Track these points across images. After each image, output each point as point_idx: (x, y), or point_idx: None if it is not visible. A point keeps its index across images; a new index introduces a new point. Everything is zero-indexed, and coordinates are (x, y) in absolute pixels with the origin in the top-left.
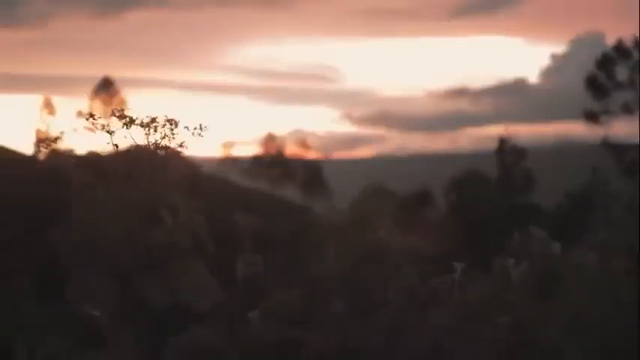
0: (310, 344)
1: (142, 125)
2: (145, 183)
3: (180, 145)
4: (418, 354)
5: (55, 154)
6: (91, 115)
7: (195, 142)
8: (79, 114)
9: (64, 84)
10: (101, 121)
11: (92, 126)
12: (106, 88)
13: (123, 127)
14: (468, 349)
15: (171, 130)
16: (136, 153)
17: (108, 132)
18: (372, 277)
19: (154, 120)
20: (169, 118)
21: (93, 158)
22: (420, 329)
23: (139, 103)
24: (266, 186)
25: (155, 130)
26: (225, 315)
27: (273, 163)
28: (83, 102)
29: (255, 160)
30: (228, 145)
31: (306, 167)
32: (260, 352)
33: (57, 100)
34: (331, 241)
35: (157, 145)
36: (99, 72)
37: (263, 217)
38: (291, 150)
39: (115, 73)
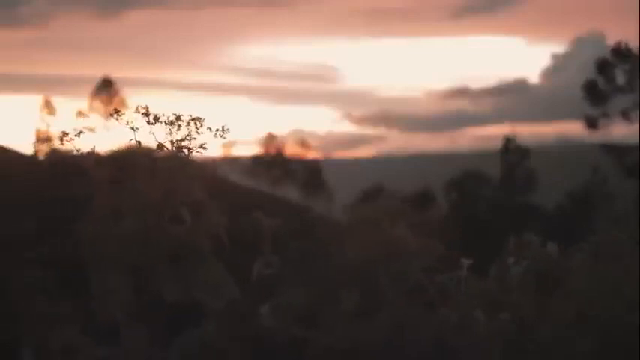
0: (319, 341)
1: (166, 123)
2: (167, 181)
3: (201, 147)
4: (423, 351)
5: (56, 153)
6: (117, 111)
7: (218, 143)
8: (79, 114)
9: (64, 84)
10: (126, 118)
11: (117, 122)
12: (106, 88)
13: (147, 124)
14: (473, 345)
15: (196, 128)
16: (157, 152)
17: (132, 128)
18: (381, 275)
19: (179, 118)
20: (194, 116)
21: (115, 156)
22: (425, 326)
23: (138, 103)
24: (266, 186)
25: (179, 129)
26: (238, 312)
27: (273, 163)
28: (83, 102)
29: (255, 160)
30: (228, 145)
31: (306, 167)
32: (270, 349)
33: (57, 100)
34: (340, 240)
35: (179, 145)
36: (99, 72)
37: (280, 218)
38: (291, 150)
39: (115, 73)
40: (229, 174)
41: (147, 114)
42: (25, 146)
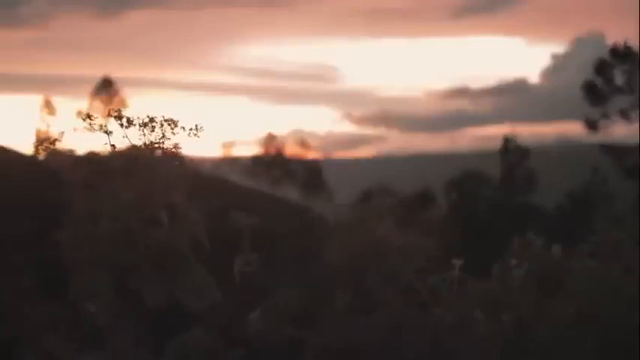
0: (312, 343)
1: (140, 125)
2: (144, 183)
3: (175, 146)
4: (420, 351)
5: (54, 154)
6: (89, 116)
7: (192, 143)
8: (79, 114)
9: (64, 84)
10: (99, 122)
11: (90, 126)
12: (106, 88)
13: (121, 127)
14: (469, 346)
15: (171, 129)
16: (134, 153)
17: (105, 132)
18: (374, 276)
19: (152, 120)
20: (167, 118)
21: (92, 158)
22: (422, 327)
23: (139, 103)
24: (266, 186)
25: (153, 130)
26: (224, 314)
27: (273, 163)
28: (83, 102)
29: (255, 160)
30: (228, 145)
31: (306, 167)
32: (261, 352)
33: (57, 100)
34: (332, 240)
35: (153, 146)
36: (99, 72)
37: (262, 217)
38: (291, 150)
39: (115, 73)
40: (229, 174)
41: (119, 117)
42: (25, 146)
